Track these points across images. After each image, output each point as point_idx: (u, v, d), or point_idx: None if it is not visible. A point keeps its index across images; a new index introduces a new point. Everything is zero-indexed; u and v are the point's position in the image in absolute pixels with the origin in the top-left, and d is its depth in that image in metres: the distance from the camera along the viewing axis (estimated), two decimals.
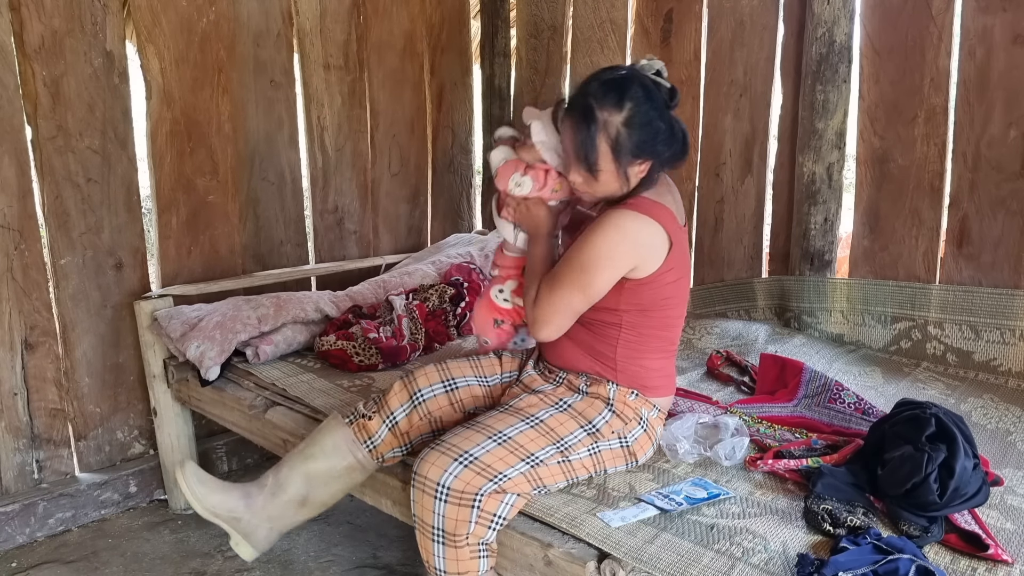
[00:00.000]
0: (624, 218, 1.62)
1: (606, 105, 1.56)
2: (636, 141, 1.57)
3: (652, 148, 1.59)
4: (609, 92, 1.57)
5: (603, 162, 1.58)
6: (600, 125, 1.56)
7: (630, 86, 1.57)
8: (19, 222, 2.30)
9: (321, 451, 1.76)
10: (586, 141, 1.56)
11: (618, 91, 1.57)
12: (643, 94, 1.57)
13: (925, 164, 2.47)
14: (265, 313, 2.42)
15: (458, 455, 1.52)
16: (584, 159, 1.58)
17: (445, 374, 1.82)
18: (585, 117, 1.56)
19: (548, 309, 1.66)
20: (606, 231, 1.62)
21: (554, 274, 1.67)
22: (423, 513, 1.53)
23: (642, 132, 1.57)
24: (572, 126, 1.59)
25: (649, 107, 1.57)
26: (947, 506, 1.48)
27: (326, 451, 1.75)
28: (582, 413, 1.66)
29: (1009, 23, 2.25)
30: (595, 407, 1.68)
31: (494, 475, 1.51)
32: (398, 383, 1.80)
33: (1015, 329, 2.32)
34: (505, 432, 1.57)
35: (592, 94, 1.58)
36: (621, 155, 1.58)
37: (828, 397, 2.06)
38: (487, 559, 1.53)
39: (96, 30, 2.37)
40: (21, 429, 2.40)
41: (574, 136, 1.58)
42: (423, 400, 1.77)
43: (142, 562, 2.33)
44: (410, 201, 3.35)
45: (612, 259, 1.62)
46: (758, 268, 2.93)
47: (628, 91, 1.56)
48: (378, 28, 3.09)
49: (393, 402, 1.77)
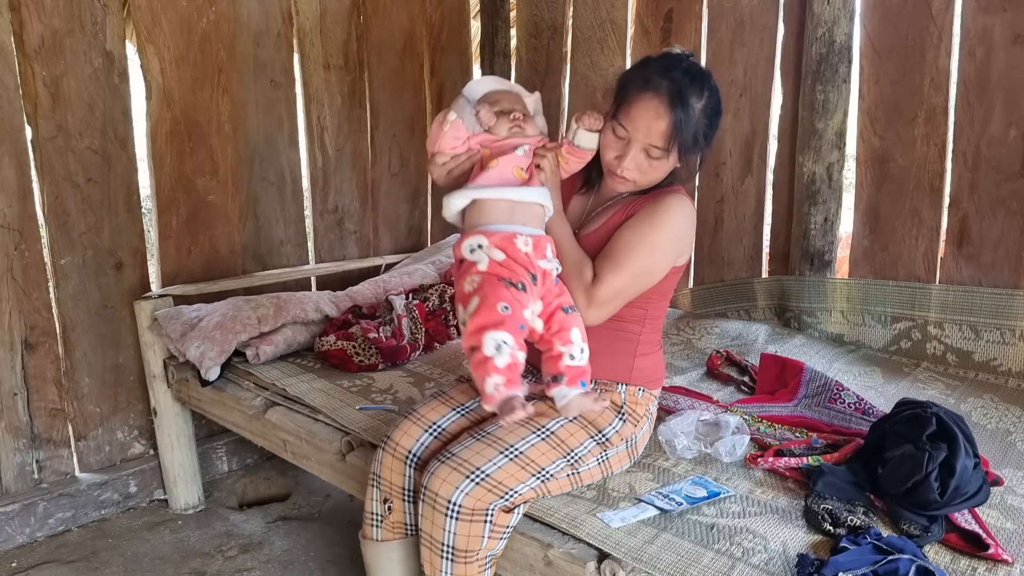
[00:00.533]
0: (685, 204, 1.64)
1: (694, 92, 1.53)
2: (708, 134, 1.58)
3: (711, 139, 1.60)
4: (695, 79, 1.54)
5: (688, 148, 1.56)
6: (693, 111, 1.53)
7: (706, 74, 1.57)
8: (19, 222, 2.30)
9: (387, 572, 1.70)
10: (682, 124, 1.51)
11: (700, 79, 1.55)
12: (713, 84, 1.58)
13: (925, 164, 2.47)
14: (265, 313, 2.42)
15: (469, 472, 1.48)
16: (674, 143, 1.52)
17: (424, 422, 1.69)
18: (681, 100, 1.51)
19: (609, 291, 1.58)
20: (671, 216, 1.61)
21: (613, 256, 1.60)
22: (432, 530, 1.50)
23: (713, 125, 1.58)
24: (663, 107, 1.51)
25: (718, 98, 1.59)
26: (948, 505, 1.48)
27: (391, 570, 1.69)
28: (593, 423, 1.64)
29: (1009, 23, 2.26)
30: (605, 416, 1.66)
31: (505, 492, 1.49)
32: (386, 456, 1.67)
33: (1015, 329, 2.32)
34: (516, 446, 1.54)
35: (680, 78, 1.52)
36: (696, 143, 1.57)
37: (828, 397, 2.06)
38: (491, 568, 1.53)
39: (96, 30, 2.37)
40: (21, 429, 2.39)
41: (664, 116, 1.51)
42: (418, 457, 1.65)
43: (142, 562, 2.33)
44: (410, 201, 3.35)
45: (679, 243, 1.64)
46: (758, 268, 2.93)
47: (706, 80, 1.56)
48: (378, 28, 3.09)
49: (395, 478, 1.66)
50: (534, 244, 1.53)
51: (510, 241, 1.51)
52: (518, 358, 1.41)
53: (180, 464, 2.58)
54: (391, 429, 1.70)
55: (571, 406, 1.53)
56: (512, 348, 1.40)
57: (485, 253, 1.51)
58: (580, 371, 1.54)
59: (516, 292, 1.45)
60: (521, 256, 1.50)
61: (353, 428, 1.96)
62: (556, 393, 1.53)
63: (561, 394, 1.53)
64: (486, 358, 1.39)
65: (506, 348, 1.39)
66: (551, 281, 1.55)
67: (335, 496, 2.69)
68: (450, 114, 1.54)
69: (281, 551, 2.36)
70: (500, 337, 1.39)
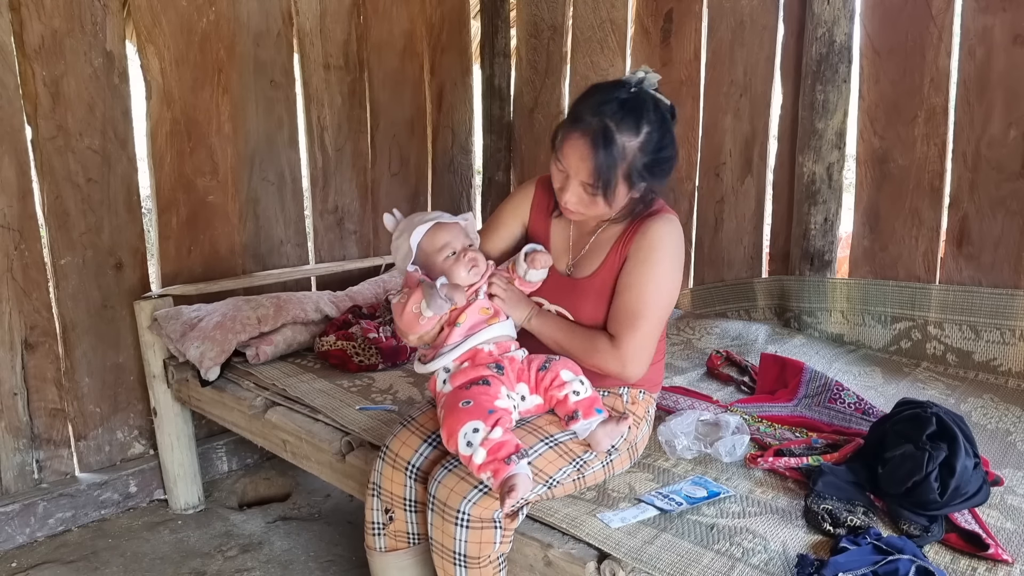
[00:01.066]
0: (672, 225, 1.64)
1: (625, 130, 1.51)
2: (648, 169, 1.55)
3: (661, 174, 1.58)
4: (627, 115, 1.51)
5: (616, 189, 1.54)
6: (620, 152, 1.51)
7: (646, 109, 1.53)
8: (19, 222, 2.30)
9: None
10: (605, 165, 1.50)
11: (635, 114, 1.52)
12: (656, 117, 1.54)
13: (925, 164, 2.46)
14: (265, 313, 2.42)
15: (477, 481, 1.47)
16: (600, 183, 1.52)
17: (422, 431, 1.66)
18: (605, 142, 1.49)
19: (636, 346, 1.60)
20: (664, 247, 1.62)
21: (626, 314, 1.60)
22: (443, 539, 1.49)
23: (654, 161, 1.55)
24: (587, 149, 1.51)
25: (661, 129, 1.54)
26: (948, 505, 1.47)
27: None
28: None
29: (1009, 23, 2.25)
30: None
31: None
32: (385, 467, 1.64)
33: (1015, 329, 2.32)
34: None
35: (607, 116, 1.50)
36: (633, 180, 1.55)
37: (828, 397, 2.06)
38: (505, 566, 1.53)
39: (96, 30, 2.37)
40: (21, 429, 2.39)
41: (588, 161, 1.51)
42: (417, 468, 1.62)
43: (142, 562, 2.33)
44: (410, 201, 3.35)
45: (678, 268, 1.65)
46: (758, 268, 2.93)
47: (645, 114, 1.52)
48: (378, 28, 3.09)
49: (396, 489, 1.63)
50: (498, 347, 1.63)
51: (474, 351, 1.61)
52: (495, 437, 1.44)
53: (180, 464, 2.58)
54: (389, 439, 1.68)
55: (598, 437, 1.57)
56: (483, 432, 1.45)
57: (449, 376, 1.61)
58: (590, 401, 1.59)
59: (478, 387, 1.54)
60: (483, 355, 1.61)
61: (353, 428, 1.96)
62: (579, 429, 1.58)
63: (583, 428, 1.58)
64: (467, 457, 1.45)
65: (477, 436, 1.44)
66: (519, 363, 1.62)
67: (335, 496, 2.69)
68: (426, 311, 1.55)
69: (281, 551, 2.36)
70: (467, 431, 1.45)
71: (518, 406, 1.59)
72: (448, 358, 1.61)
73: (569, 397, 1.58)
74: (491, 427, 1.45)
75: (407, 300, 1.57)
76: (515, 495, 1.39)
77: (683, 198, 3.03)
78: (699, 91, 2.94)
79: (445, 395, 1.59)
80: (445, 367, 1.62)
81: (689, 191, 3.02)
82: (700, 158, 2.97)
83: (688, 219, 3.02)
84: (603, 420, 1.57)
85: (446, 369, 1.62)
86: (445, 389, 1.60)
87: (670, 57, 2.97)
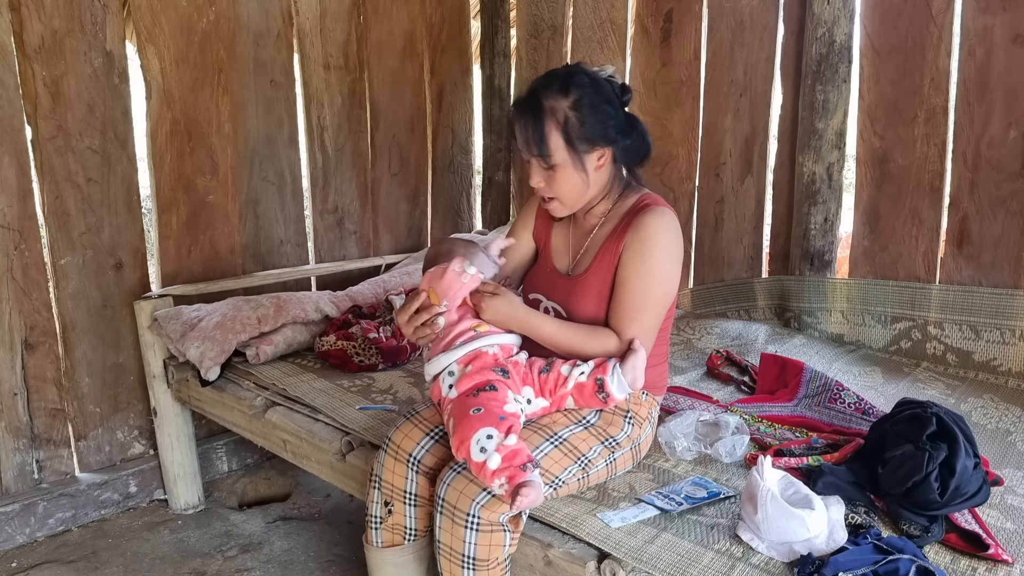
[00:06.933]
0: (666, 216, 1.64)
1: (551, 93, 1.57)
2: (588, 125, 1.58)
3: (604, 133, 1.60)
4: (553, 81, 1.59)
5: (557, 152, 1.58)
6: (548, 112, 1.56)
7: (574, 74, 1.59)
8: (19, 222, 2.30)
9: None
10: (537, 130, 1.56)
11: (562, 79, 1.58)
12: (588, 81, 1.59)
13: (925, 164, 2.47)
14: (265, 313, 2.42)
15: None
16: (537, 148, 1.57)
17: (425, 424, 1.67)
18: (532, 107, 1.57)
19: (641, 340, 1.61)
20: (659, 237, 1.62)
21: (625, 308, 1.62)
22: (452, 541, 1.47)
23: (592, 115, 1.58)
24: (521, 120, 1.58)
25: (595, 92, 1.58)
26: (948, 505, 1.47)
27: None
28: (604, 430, 1.65)
29: (1009, 23, 2.25)
30: (616, 424, 1.67)
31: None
32: (387, 459, 1.65)
33: (1015, 329, 2.32)
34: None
35: (536, 87, 1.59)
36: (574, 141, 1.58)
37: (828, 397, 2.06)
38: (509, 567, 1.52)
39: (96, 30, 2.37)
40: (21, 429, 2.39)
41: (524, 130, 1.58)
42: (419, 461, 1.63)
43: (142, 562, 2.33)
44: (410, 201, 3.35)
45: (676, 259, 1.65)
46: (758, 268, 2.93)
47: (573, 79, 1.58)
48: (378, 28, 3.09)
49: (397, 481, 1.64)
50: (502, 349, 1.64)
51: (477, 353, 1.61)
52: (510, 443, 1.43)
53: (180, 464, 2.58)
54: (392, 431, 1.69)
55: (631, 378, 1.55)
56: (498, 439, 1.43)
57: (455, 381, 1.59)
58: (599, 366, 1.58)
59: (486, 393, 1.52)
60: (488, 359, 1.60)
61: (353, 428, 1.97)
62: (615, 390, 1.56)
63: (618, 385, 1.56)
64: (479, 464, 1.42)
65: (491, 443, 1.42)
66: (522, 367, 1.63)
67: (335, 496, 2.69)
68: (469, 268, 1.57)
69: (281, 551, 2.36)
70: (480, 438, 1.43)
71: (525, 410, 1.59)
72: (451, 357, 1.61)
73: (575, 377, 1.58)
74: (505, 434, 1.44)
75: (444, 267, 1.58)
76: (528, 500, 1.37)
77: (683, 198, 3.03)
78: (699, 91, 2.94)
79: (452, 401, 1.57)
80: (449, 371, 1.61)
81: (689, 191, 3.02)
82: (700, 158, 2.97)
83: (688, 219, 3.03)
84: (616, 365, 1.57)
85: (450, 373, 1.61)
86: (451, 395, 1.58)
87: (670, 57, 2.97)
